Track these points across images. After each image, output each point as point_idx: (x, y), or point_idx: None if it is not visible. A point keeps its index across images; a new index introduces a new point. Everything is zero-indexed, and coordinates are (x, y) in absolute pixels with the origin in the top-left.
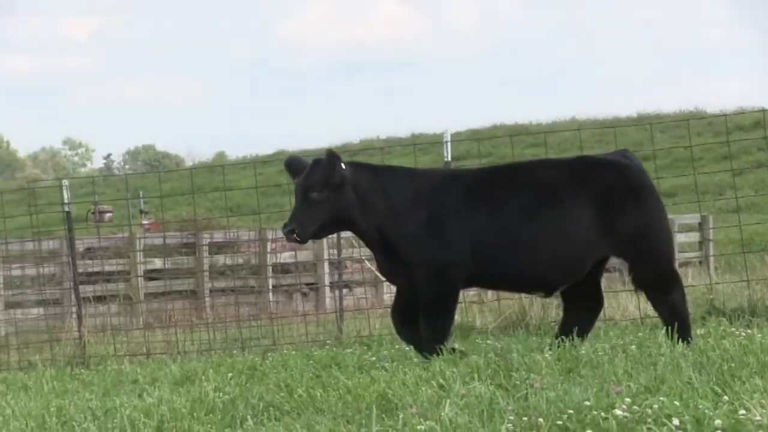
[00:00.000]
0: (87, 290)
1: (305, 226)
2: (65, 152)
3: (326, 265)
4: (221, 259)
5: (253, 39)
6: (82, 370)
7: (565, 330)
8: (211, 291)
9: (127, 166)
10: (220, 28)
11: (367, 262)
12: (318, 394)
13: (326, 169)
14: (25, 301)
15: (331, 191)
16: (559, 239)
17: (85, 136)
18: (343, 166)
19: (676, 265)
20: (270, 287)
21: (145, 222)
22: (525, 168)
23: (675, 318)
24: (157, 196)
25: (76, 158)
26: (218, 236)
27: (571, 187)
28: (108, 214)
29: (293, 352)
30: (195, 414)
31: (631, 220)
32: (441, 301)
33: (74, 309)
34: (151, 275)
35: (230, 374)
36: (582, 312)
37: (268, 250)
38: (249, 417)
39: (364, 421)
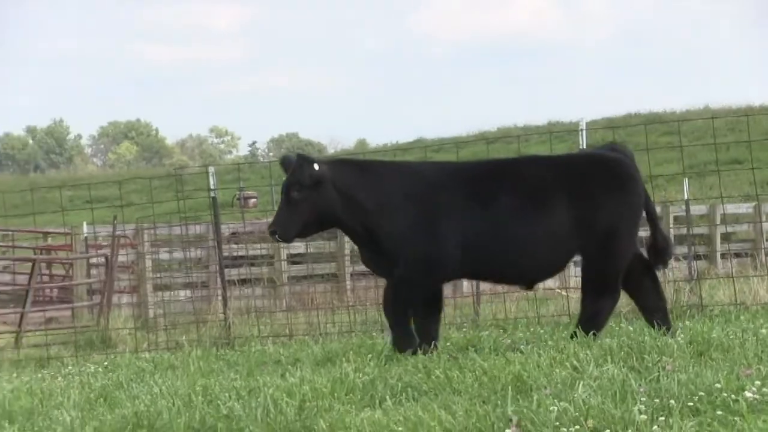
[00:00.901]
0: (232, 273)
1: (287, 227)
2: (212, 140)
3: None
4: None
5: (387, 29)
6: (227, 351)
7: (648, 315)
8: (351, 275)
9: (271, 154)
10: (356, 19)
11: None
12: (455, 375)
13: (297, 170)
14: (173, 284)
15: (311, 190)
16: (539, 236)
17: (230, 124)
18: (316, 167)
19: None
20: None
21: None
22: (510, 165)
23: (593, 321)
24: None
25: (222, 146)
26: None
27: (552, 184)
28: (252, 200)
29: None
30: (335, 393)
31: (604, 219)
32: (414, 296)
33: (220, 292)
34: (294, 259)
35: (370, 355)
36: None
37: None
38: (387, 397)
39: (499, 401)
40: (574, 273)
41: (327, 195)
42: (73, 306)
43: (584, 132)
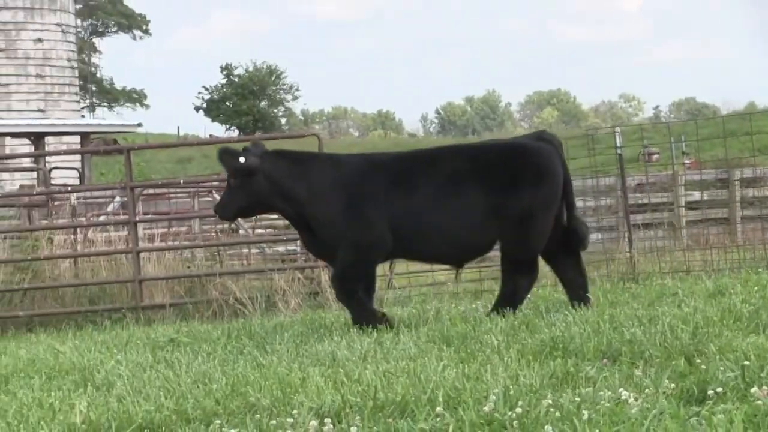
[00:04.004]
0: (636, 218)
1: (225, 210)
2: (621, 104)
3: None
4: (750, 192)
5: None
6: (632, 285)
7: (568, 286)
8: (741, 218)
9: (672, 115)
10: None
11: None
12: None
13: (221, 163)
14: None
15: (244, 179)
16: (458, 221)
17: (637, 91)
18: (242, 159)
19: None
20: None
21: (686, 161)
22: (434, 154)
23: (511, 297)
24: (696, 139)
25: (629, 109)
26: (747, 173)
27: (471, 172)
28: (655, 156)
29: None
30: (724, 321)
31: (518, 207)
32: (353, 276)
33: (626, 234)
34: (691, 206)
35: (756, 288)
36: (569, 270)
37: None
38: None
39: None
40: None
41: (257, 184)
42: None
43: None
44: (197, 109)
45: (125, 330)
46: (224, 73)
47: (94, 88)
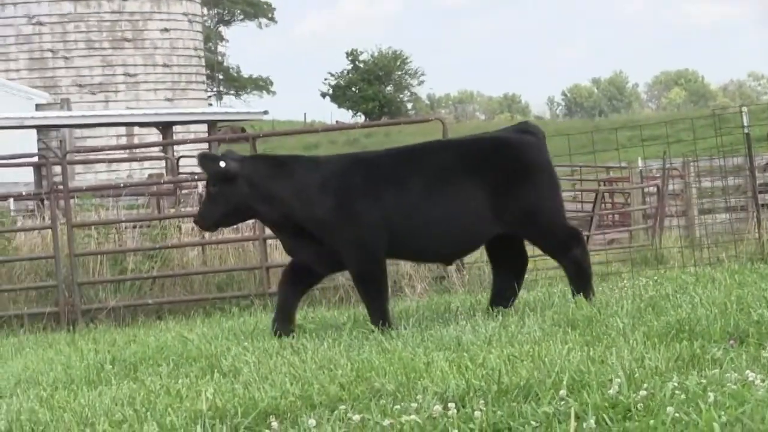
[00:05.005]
0: (766, 198)
1: (206, 218)
2: (749, 83)
3: None
4: None
5: None
6: (761, 265)
7: (495, 293)
8: None
9: None
10: None
11: None
12: None
13: (203, 169)
14: (715, 208)
15: (224, 185)
16: (452, 219)
17: (765, 69)
18: (222, 164)
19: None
20: None
21: None
22: (425, 150)
23: (579, 272)
24: None
25: (759, 88)
26: None
27: (465, 168)
28: None
29: None
30: None
31: (520, 199)
32: (374, 273)
33: (754, 214)
34: None
35: None
36: (508, 274)
37: None
38: None
39: None
40: None
41: (239, 190)
42: (630, 229)
43: None
44: (323, 95)
45: (252, 317)
46: (350, 58)
47: (220, 77)
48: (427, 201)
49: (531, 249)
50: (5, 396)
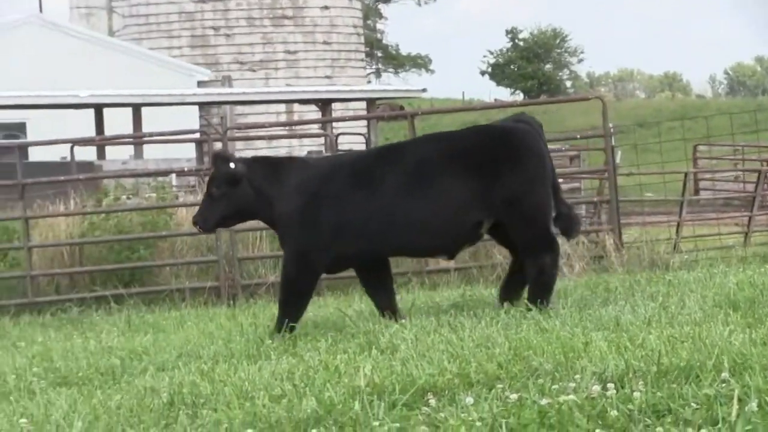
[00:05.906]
0: None
1: (207, 219)
2: None
3: None
4: None
5: None
6: None
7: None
8: None
9: None
10: None
11: None
12: None
13: (214, 169)
14: None
15: (228, 187)
16: (435, 210)
17: None
18: (232, 165)
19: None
20: None
21: None
22: (408, 145)
23: (540, 279)
24: None
25: None
26: None
27: (449, 159)
28: None
29: None
30: None
31: (506, 186)
32: (299, 283)
33: None
34: None
35: None
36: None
37: None
38: None
39: None
40: None
41: (242, 192)
42: None
43: None
44: (482, 73)
45: (410, 294)
46: (509, 36)
47: (379, 55)
48: (420, 195)
49: (693, 228)
50: (167, 369)
